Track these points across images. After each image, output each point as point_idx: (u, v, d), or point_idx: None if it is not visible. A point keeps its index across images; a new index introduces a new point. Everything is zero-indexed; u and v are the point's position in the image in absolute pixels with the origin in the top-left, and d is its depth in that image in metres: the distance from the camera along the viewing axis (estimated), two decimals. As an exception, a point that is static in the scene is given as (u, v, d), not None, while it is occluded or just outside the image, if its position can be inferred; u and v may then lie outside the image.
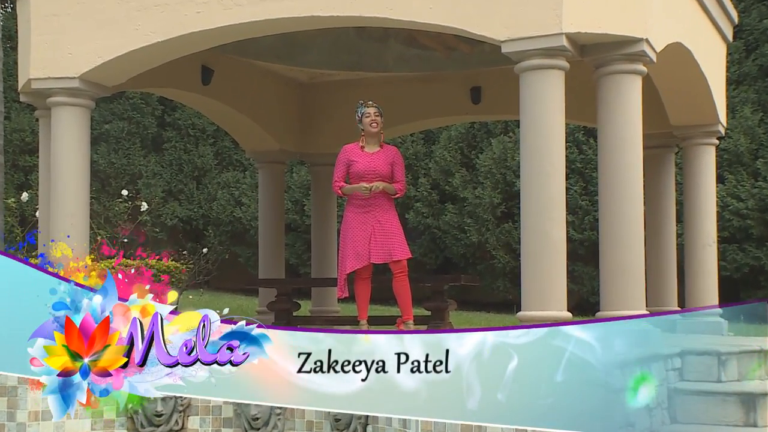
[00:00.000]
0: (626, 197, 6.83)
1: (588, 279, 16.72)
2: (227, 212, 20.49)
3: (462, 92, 10.68)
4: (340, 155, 7.29)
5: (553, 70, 6.64)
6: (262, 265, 11.09)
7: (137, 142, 21.07)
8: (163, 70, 8.41)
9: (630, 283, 6.76)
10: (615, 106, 6.88)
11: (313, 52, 10.58)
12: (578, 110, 8.03)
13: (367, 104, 7.24)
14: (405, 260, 7.17)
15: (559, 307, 6.49)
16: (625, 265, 6.77)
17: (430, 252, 18.68)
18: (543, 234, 6.52)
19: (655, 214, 9.73)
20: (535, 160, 6.60)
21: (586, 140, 17.17)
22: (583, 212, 16.86)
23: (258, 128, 10.73)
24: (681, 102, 9.07)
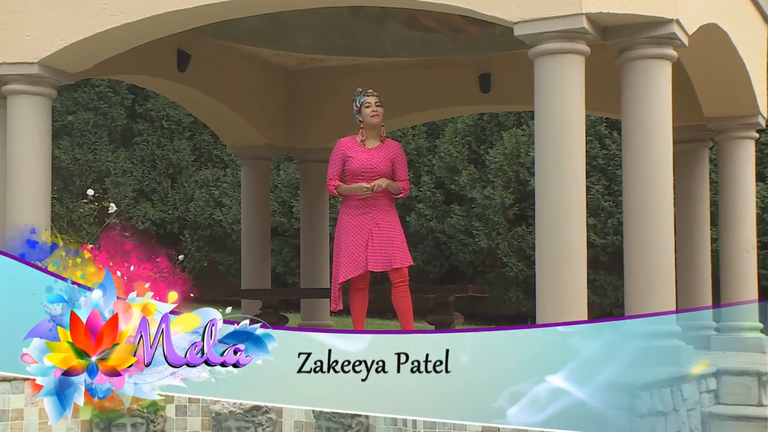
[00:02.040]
0: (654, 197, 6.83)
1: (611, 289, 16.71)
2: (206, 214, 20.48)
3: (469, 80, 10.68)
4: (335, 150, 7.28)
5: (572, 54, 6.64)
6: (245, 274, 11.08)
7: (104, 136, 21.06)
8: (133, 55, 8.40)
9: (659, 295, 6.76)
10: (641, 95, 6.89)
11: (302, 34, 10.58)
12: (600, 100, 8.03)
13: (367, 92, 7.23)
14: (406, 268, 7.17)
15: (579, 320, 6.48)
16: (654, 274, 6.77)
17: (434, 259, 18.67)
18: (561, 239, 6.52)
19: (687, 216, 9.73)
20: (551, 156, 6.60)
21: (609, 133, 17.17)
22: (606, 214, 16.86)
23: (240, 120, 10.72)
24: (716, 91, 9.07)
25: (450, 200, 18.60)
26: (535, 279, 6.64)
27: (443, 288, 8.90)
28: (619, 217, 15.74)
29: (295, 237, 17.70)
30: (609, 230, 16.73)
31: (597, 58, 6.98)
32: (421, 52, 10.64)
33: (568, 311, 6.47)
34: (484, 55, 10.45)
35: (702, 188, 9.84)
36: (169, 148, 21.18)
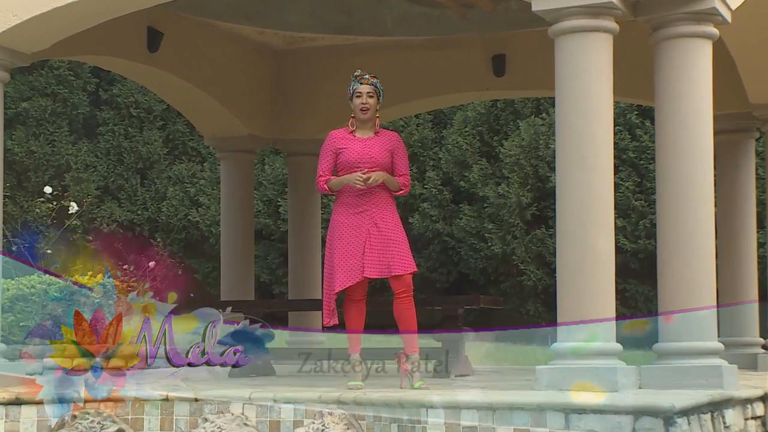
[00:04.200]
0: (692, 196, 6.83)
1: (643, 301, 16.73)
2: (180, 215, 20.50)
3: (481, 62, 10.68)
4: (326, 143, 7.29)
5: (599, 33, 6.64)
6: (224, 283, 11.07)
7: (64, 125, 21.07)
8: (97, 33, 8.40)
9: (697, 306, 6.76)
10: (678, 79, 6.88)
11: (291, 10, 10.58)
12: (630, 85, 8.03)
13: (362, 78, 7.23)
14: (409, 276, 7.17)
15: (607, 337, 6.49)
16: (692, 283, 6.77)
17: (441, 266, 18.68)
18: (585, 243, 6.52)
19: (730, 217, 9.72)
20: (575, 149, 6.60)
21: (641, 123, 17.19)
22: (637, 215, 16.88)
23: (220, 107, 10.72)
24: (763, 74, 9.07)
25: (459, 199, 18.62)
26: (556, 289, 6.64)
27: (451, 299, 8.90)
28: (652, 218, 15.75)
29: (282, 241, 17.72)
30: (640, 233, 16.75)
31: (627, 37, 6.98)
32: (427, 30, 10.64)
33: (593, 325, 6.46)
34: (498, 34, 10.45)
35: (747, 185, 9.83)
36: (138, 140, 21.19)
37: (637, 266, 16.76)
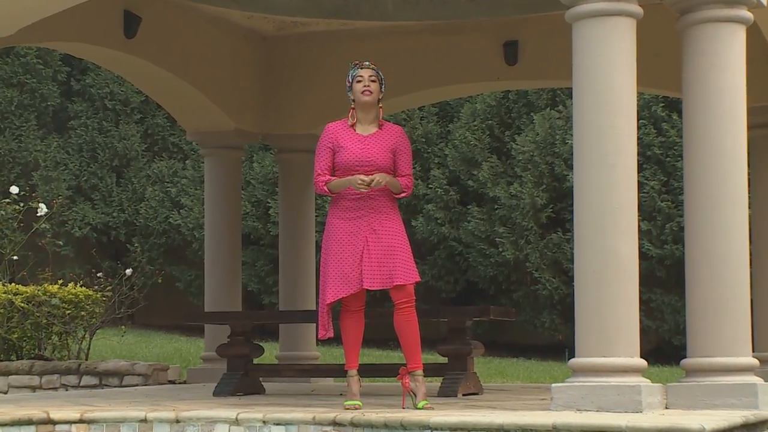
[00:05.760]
0: (724, 196, 6.84)
1: (670, 312, 16.72)
2: (160, 218, 20.48)
3: (492, 49, 10.69)
4: (323, 137, 7.29)
5: (621, 17, 6.65)
6: (209, 293, 11.08)
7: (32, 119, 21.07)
8: (69, 18, 8.41)
9: (730, 319, 6.76)
10: (708, 68, 6.89)
11: (282, -9, 10.59)
12: (656, 74, 8.05)
13: (362, 65, 7.24)
14: (412, 286, 7.17)
15: (630, 351, 6.49)
16: (724, 293, 6.77)
17: (447, 274, 18.67)
18: (606, 248, 6.52)
19: (766, 219, 9.73)
20: (594, 145, 6.60)
21: (668, 116, 17.18)
22: (664, 218, 16.87)
23: (203, 99, 10.73)
24: (801, 62, 9.09)
25: (467, 200, 18.61)
26: (574, 299, 6.64)
27: (458, 310, 8.90)
28: (680, 221, 15.74)
29: (273, 246, 17.72)
30: (667, 238, 16.74)
31: (652, 22, 6.99)
32: (431, 14, 10.64)
33: (615, 340, 6.47)
34: (510, 18, 10.45)
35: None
36: (113, 135, 21.18)
37: (663, 274, 16.73)
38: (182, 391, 9.42)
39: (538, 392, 8.67)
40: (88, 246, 19.45)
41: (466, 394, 8.24)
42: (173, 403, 7.33)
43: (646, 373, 6.59)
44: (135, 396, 8.60)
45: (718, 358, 6.68)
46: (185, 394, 8.76)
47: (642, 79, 6.79)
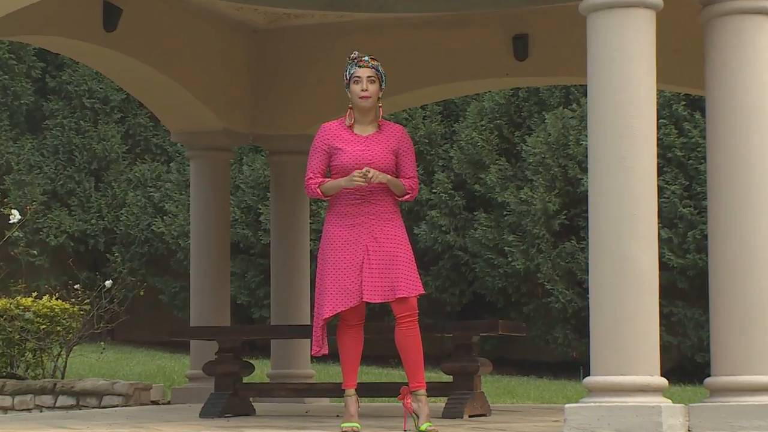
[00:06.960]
0: (750, 202, 6.84)
1: (693, 327, 16.73)
2: (142, 225, 20.49)
3: (500, 43, 10.70)
4: (318, 138, 7.29)
5: (639, 9, 6.65)
6: (195, 306, 11.08)
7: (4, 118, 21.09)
8: (44, 10, 8.41)
9: (758, 335, 6.76)
10: (733, 63, 6.90)
11: (274, -19, 10.60)
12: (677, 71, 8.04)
13: (361, 61, 7.23)
14: (415, 299, 7.18)
15: (649, 369, 6.49)
16: (750, 306, 6.77)
17: (453, 285, 18.68)
18: (623, 258, 6.53)
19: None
20: (610, 146, 6.61)
21: (690, 115, 17.20)
22: (686, 225, 16.88)
23: (189, 97, 10.74)
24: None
25: (473, 206, 18.63)
26: (589, 312, 6.65)
27: (464, 325, 8.90)
28: (703, 228, 15.77)
29: (264, 256, 17.72)
30: (689, 246, 16.75)
31: (672, 14, 6.99)
32: (435, 5, 10.65)
33: (634, 357, 6.47)
34: (520, 10, 10.47)
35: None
36: (92, 136, 21.20)
37: (685, 285, 16.75)
38: (166, 412, 9.42)
39: (551, 413, 8.67)
40: (64, 256, 19.46)
41: (472, 416, 8.24)
42: (156, 425, 7.33)
43: (667, 392, 6.60)
44: (115, 418, 8.60)
45: (745, 377, 6.69)
46: (169, 416, 8.76)
47: (662, 76, 6.80)
